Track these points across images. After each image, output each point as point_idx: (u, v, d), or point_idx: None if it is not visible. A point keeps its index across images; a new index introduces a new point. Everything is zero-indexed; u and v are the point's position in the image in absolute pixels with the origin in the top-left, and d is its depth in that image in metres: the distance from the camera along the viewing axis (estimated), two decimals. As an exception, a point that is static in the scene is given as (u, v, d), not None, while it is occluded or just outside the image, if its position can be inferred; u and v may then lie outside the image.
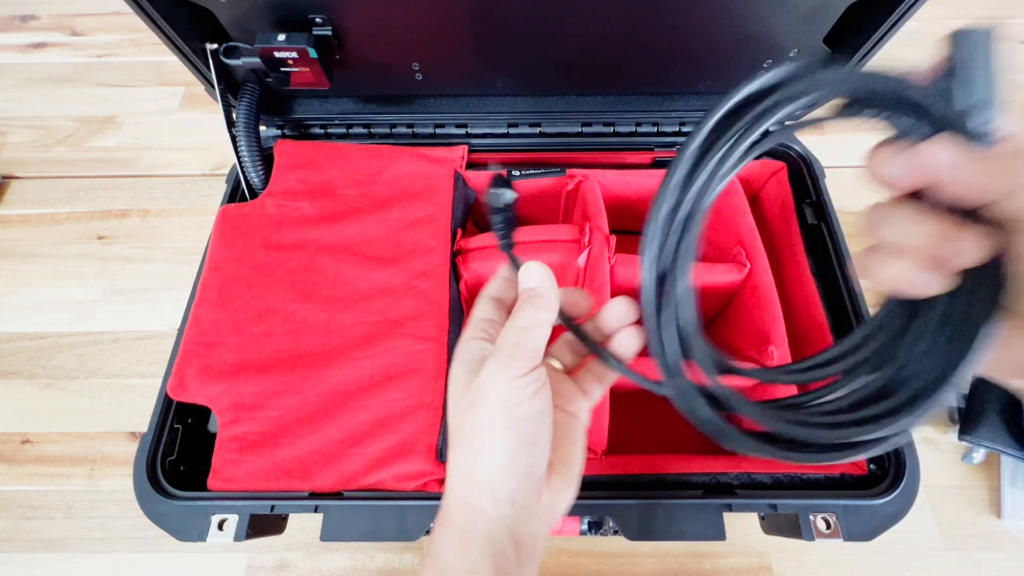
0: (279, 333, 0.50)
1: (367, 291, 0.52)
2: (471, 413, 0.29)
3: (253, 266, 0.53)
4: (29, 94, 0.99)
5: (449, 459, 0.31)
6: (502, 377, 0.29)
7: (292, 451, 0.46)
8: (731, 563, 0.61)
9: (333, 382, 0.48)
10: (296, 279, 0.53)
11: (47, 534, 0.64)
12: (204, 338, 0.50)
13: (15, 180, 0.89)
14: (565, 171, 0.61)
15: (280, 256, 0.54)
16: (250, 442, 0.46)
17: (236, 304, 0.51)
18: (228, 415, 0.47)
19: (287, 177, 0.58)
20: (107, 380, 0.72)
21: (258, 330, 0.50)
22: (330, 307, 0.51)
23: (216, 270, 0.53)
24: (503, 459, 0.29)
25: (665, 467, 0.47)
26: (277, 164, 0.59)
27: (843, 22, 0.52)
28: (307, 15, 0.50)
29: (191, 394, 0.48)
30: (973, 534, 0.61)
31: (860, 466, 0.47)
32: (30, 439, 0.69)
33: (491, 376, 0.29)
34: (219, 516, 0.44)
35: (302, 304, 0.51)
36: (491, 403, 0.29)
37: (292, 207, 0.56)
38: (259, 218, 0.55)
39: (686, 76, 0.60)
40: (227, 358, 0.49)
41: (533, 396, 0.29)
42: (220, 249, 0.54)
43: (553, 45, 0.55)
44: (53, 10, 1.09)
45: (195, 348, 0.49)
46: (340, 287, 0.52)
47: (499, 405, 0.29)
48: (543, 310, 0.31)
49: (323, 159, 0.59)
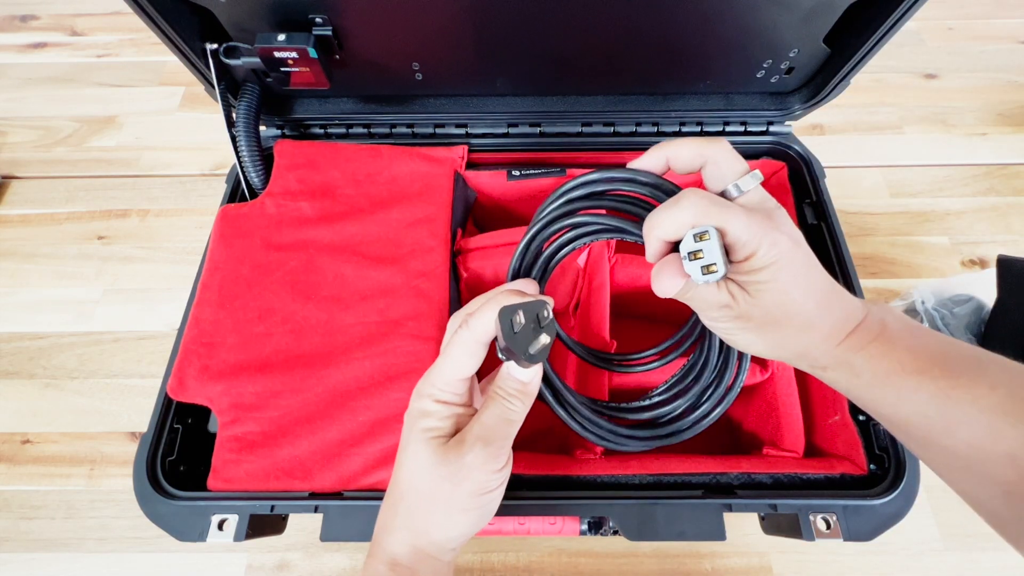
0: (279, 333, 0.50)
1: (367, 291, 0.52)
2: (446, 488, 0.33)
3: (253, 266, 0.53)
4: (29, 94, 0.99)
5: (403, 510, 0.34)
6: (489, 468, 0.33)
7: (292, 451, 0.46)
8: (731, 563, 0.61)
9: (333, 382, 0.48)
10: (296, 279, 0.53)
11: (47, 534, 0.64)
12: (204, 338, 0.50)
13: (15, 180, 0.89)
14: (565, 171, 0.62)
15: (280, 256, 0.54)
16: (250, 442, 0.46)
17: (236, 304, 0.51)
18: (228, 415, 0.47)
19: (287, 177, 0.58)
20: (107, 380, 0.72)
21: (258, 330, 0.50)
22: (330, 307, 0.51)
23: (216, 270, 0.53)
24: (465, 530, 0.34)
25: (665, 467, 0.47)
26: (277, 164, 0.58)
27: (843, 22, 0.52)
28: (307, 15, 0.50)
29: (191, 394, 0.48)
30: (973, 534, 0.61)
31: (860, 466, 0.47)
32: (30, 439, 0.69)
33: (478, 464, 0.32)
34: (219, 516, 0.44)
35: (302, 304, 0.51)
36: (470, 488, 0.33)
37: (292, 207, 0.56)
38: (259, 218, 0.55)
39: (686, 76, 0.60)
40: (227, 358, 0.49)
41: (502, 484, 0.35)
42: (220, 249, 0.54)
43: (553, 45, 0.55)
44: (53, 10, 1.09)
45: (195, 348, 0.49)
46: (340, 287, 0.52)
47: (477, 491, 0.33)
48: (528, 406, 0.35)
49: (323, 159, 0.59)
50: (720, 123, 0.63)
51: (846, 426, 0.49)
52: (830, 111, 0.89)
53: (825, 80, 0.58)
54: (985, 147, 0.88)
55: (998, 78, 0.96)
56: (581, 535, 0.49)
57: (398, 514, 0.34)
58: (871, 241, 0.80)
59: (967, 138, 0.89)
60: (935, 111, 0.92)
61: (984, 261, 0.78)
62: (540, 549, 0.62)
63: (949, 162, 0.87)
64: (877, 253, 0.79)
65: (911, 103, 0.94)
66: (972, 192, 0.84)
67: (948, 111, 0.92)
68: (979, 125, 0.91)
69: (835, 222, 0.57)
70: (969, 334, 0.66)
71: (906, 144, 0.89)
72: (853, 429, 0.48)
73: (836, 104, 0.61)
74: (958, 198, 0.83)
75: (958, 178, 0.85)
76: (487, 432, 0.33)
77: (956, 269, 0.77)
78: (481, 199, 0.65)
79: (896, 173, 0.86)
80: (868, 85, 0.95)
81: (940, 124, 0.91)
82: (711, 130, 0.63)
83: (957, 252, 0.79)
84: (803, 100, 0.61)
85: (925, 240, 0.80)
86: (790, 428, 0.51)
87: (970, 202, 0.83)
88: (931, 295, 0.69)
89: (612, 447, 0.43)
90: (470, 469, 0.32)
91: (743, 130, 0.63)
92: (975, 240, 0.80)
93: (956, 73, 0.97)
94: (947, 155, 0.88)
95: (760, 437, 0.55)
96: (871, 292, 0.76)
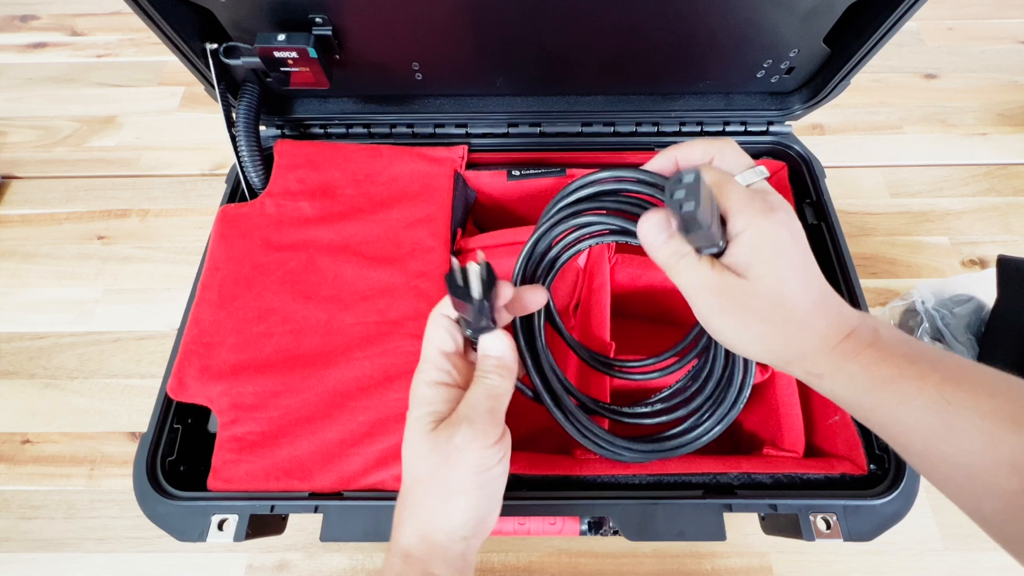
0: (279, 333, 0.50)
1: (367, 291, 0.52)
2: (442, 471, 0.32)
3: (253, 266, 0.53)
4: (29, 94, 0.99)
5: (410, 502, 0.34)
6: (479, 445, 0.32)
7: (292, 451, 0.46)
8: (731, 563, 0.61)
9: (333, 382, 0.48)
10: (296, 279, 0.53)
11: (47, 534, 0.64)
12: (204, 338, 0.50)
13: (15, 180, 0.89)
14: (565, 171, 0.62)
15: (280, 256, 0.54)
16: (250, 442, 0.46)
17: (236, 304, 0.51)
18: (228, 415, 0.47)
19: (287, 177, 0.58)
20: (107, 380, 0.72)
21: (258, 330, 0.50)
22: (330, 307, 0.51)
23: (216, 270, 0.53)
24: (469, 514, 0.33)
25: (665, 467, 0.47)
26: (277, 164, 0.58)
27: (843, 22, 0.52)
28: (307, 15, 0.50)
29: (191, 394, 0.48)
30: (973, 534, 0.61)
31: (861, 466, 0.47)
32: (30, 439, 0.69)
33: (467, 443, 0.32)
34: (219, 516, 0.44)
35: (302, 304, 0.51)
36: (464, 468, 0.32)
37: (292, 207, 0.56)
38: (259, 218, 0.55)
39: (686, 76, 0.60)
40: (227, 358, 0.49)
41: (501, 461, 0.33)
42: (220, 249, 0.54)
43: (553, 44, 0.55)
44: (53, 10, 1.10)
45: (195, 348, 0.49)
46: (340, 287, 0.52)
47: (472, 470, 0.32)
48: (509, 380, 0.35)
49: (323, 159, 0.59)
50: (720, 123, 0.63)
51: (846, 426, 0.49)
52: (830, 111, 0.89)
53: (825, 80, 0.58)
54: (985, 147, 0.88)
55: (998, 78, 0.96)
56: (581, 535, 0.49)
57: (406, 506, 0.34)
58: (871, 241, 0.80)
59: (967, 138, 0.89)
60: (935, 111, 0.92)
61: (984, 261, 0.78)
62: (540, 549, 0.62)
63: (949, 162, 0.87)
64: (877, 253, 0.79)
65: (911, 103, 0.94)
66: (972, 192, 0.84)
67: (948, 111, 0.92)
68: (979, 125, 0.91)
69: (835, 222, 0.57)
70: (969, 334, 0.66)
71: (906, 144, 0.89)
72: (853, 429, 0.48)
73: (836, 104, 0.61)
74: (958, 198, 0.83)
75: (958, 178, 0.85)
76: (472, 410, 0.33)
77: (956, 269, 0.77)
78: (481, 199, 0.65)
79: (896, 173, 0.86)
80: (868, 85, 0.95)
81: (940, 124, 0.91)
82: (711, 130, 0.63)
83: (957, 252, 0.79)
84: (803, 100, 0.61)
85: (925, 240, 0.80)
86: (790, 428, 0.51)
87: (970, 202, 0.83)
88: (931, 295, 0.69)
89: (610, 456, 0.43)
90: (461, 449, 0.32)
91: (743, 130, 0.63)
92: (975, 240, 0.80)
93: (956, 73, 0.97)
94: (947, 155, 0.88)
95: (760, 437, 0.55)
96: (871, 292, 0.76)
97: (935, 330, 0.67)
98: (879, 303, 0.74)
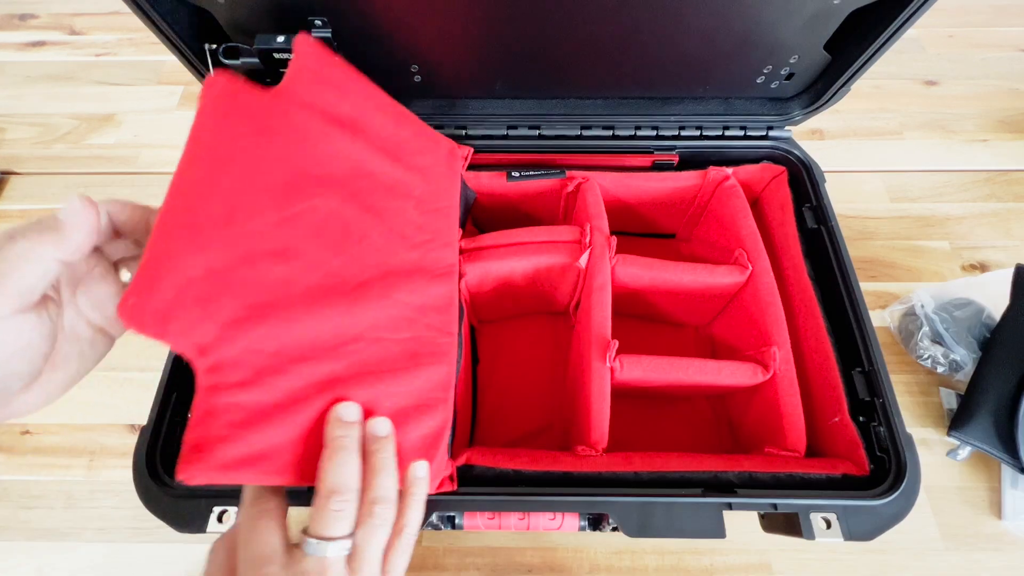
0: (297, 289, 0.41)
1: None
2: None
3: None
4: (28, 91, 0.99)
5: None
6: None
7: (295, 445, 0.45)
8: (731, 561, 0.61)
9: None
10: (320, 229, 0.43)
11: (46, 524, 0.64)
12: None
13: (14, 176, 0.89)
14: (565, 172, 0.62)
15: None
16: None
17: (248, 227, 0.40)
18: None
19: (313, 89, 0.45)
20: (106, 372, 0.72)
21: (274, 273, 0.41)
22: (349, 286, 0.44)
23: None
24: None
25: (665, 464, 0.47)
26: (298, 64, 0.45)
27: (844, 29, 0.52)
28: (307, 16, 0.50)
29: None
30: (974, 535, 0.61)
31: (861, 466, 0.47)
32: (29, 430, 0.69)
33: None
34: (219, 507, 0.44)
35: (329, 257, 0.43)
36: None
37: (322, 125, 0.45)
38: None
39: (686, 81, 0.60)
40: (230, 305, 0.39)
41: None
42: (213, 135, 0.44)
43: (553, 48, 0.55)
44: (52, 9, 1.10)
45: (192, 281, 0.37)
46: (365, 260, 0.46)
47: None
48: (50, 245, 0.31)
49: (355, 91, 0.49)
50: (720, 127, 0.63)
51: (847, 427, 0.49)
52: (830, 116, 0.89)
53: (825, 86, 0.58)
54: (985, 153, 0.89)
55: (999, 85, 0.96)
56: (580, 531, 0.49)
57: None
58: (871, 245, 0.80)
59: (967, 144, 0.90)
60: (935, 117, 0.93)
61: (984, 265, 0.78)
62: (540, 544, 0.62)
63: (949, 168, 0.87)
64: (877, 257, 0.79)
65: (911, 109, 0.94)
66: (972, 197, 0.84)
67: (948, 117, 0.93)
68: (979, 131, 0.91)
69: (835, 226, 0.57)
70: (970, 337, 0.67)
71: (906, 149, 0.90)
72: (854, 430, 0.48)
73: (836, 109, 0.61)
74: (958, 203, 0.84)
75: (958, 183, 0.86)
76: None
77: (957, 273, 0.78)
78: (481, 199, 0.65)
79: (896, 178, 0.87)
80: (868, 91, 0.96)
81: (940, 130, 0.91)
82: (710, 134, 0.63)
83: (957, 256, 0.79)
84: (803, 106, 0.61)
85: (925, 244, 0.80)
86: (791, 428, 0.51)
87: (970, 207, 0.83)
88: (931, 299, 0.69)
89: None
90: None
91: (743, 134, 0.63)
92: (975, 245, 0.80)
93: (956, 80, 0.97)
94: (947, 161, 0.88)
95: (761, 436, 0.55)
96: (871, 295, 0.76)
97: (935, 333, 0.67)
98: (879, 306, 0.75)
